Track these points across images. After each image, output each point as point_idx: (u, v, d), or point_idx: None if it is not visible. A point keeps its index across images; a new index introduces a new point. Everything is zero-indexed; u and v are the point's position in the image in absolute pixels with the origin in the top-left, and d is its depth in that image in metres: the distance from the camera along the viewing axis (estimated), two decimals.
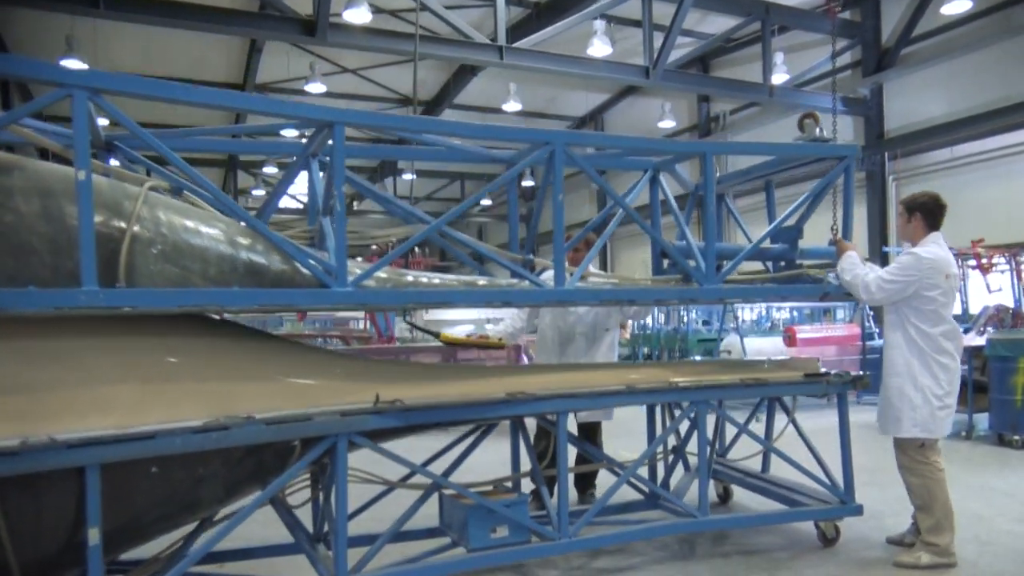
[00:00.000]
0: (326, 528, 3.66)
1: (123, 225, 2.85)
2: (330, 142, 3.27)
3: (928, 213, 4.06)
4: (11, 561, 2.57)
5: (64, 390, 2.70)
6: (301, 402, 3.18)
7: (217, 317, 3.49)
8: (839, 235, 4.32)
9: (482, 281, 3.99)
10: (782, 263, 4.59)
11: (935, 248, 3.98)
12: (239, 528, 3.06)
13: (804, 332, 10.45)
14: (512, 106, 15.97)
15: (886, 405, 4.05)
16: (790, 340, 10.08)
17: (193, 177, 3.23)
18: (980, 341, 7.51)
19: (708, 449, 4.08)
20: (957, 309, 8.55)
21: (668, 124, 17.39)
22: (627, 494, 4.49)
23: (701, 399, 4.00)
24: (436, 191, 26.59)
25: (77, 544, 2.67)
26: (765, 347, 10.51)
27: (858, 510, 4.19)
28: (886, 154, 13.83)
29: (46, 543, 2.69)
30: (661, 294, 4.35)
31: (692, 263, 4.10)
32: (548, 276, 4.26)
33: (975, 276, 10.94)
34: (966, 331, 7.50)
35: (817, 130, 4.60)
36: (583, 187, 21.79)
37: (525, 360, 9.19)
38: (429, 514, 3.81)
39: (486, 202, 24.84)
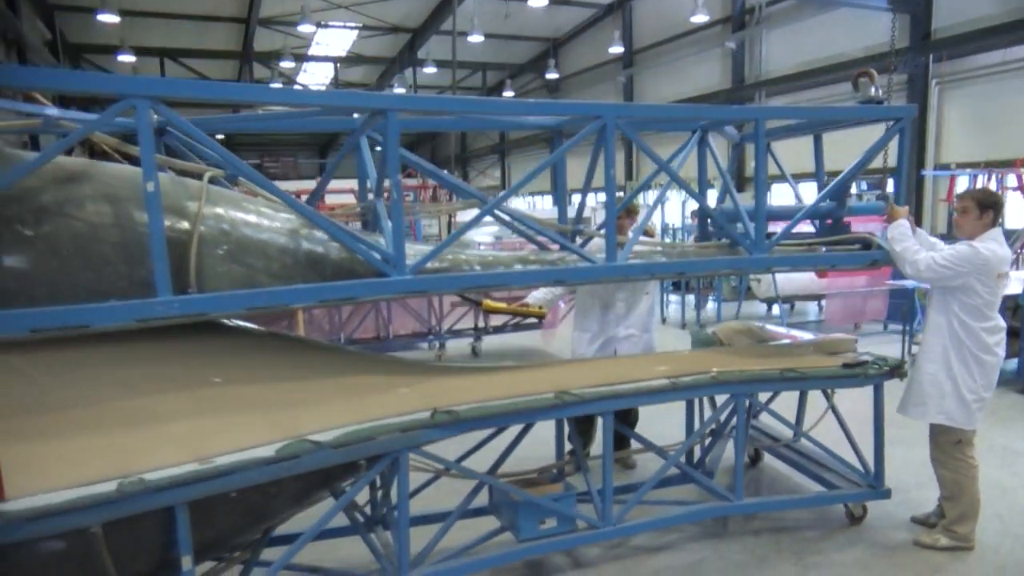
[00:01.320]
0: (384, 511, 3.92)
1: (189, 227, 2.93)
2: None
3: (999, 211, 4.02)
4: (106, 559, 2.81)
5: (142, 423, 2.86)
6: (359, 414, 3.35)
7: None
8: (892, 201, 4.29)
9: (533, 257, 4.04)
10: (828, 220, 4.58)
11: (994, 245, 3.95)
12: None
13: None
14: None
15: (915, 388, 4.14)
16: (821, 272, 10.07)
17: (250, 175, 3.22)
18: (1018, 288, 7.48)
19: (744, 437, 4.24)
20: None
21: (700, 19, 16.76)
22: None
23: (742, 392, 4.13)
24: (460, 80, 26.13)
25: (168, 560, 2.93)
26: (795, 277, 10.56)
27: (887, 494, 4.38)
28: (931, 56, 13.24)
29: (141, 563, 2.94)
30: (711, 265, 4.26)
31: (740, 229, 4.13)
32: (594, 245, 4.34)
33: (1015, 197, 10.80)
34: None
35: (872, 89, 4.49)
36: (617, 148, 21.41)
37: (561, 305, 9.35)
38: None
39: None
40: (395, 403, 3.46)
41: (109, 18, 16.31)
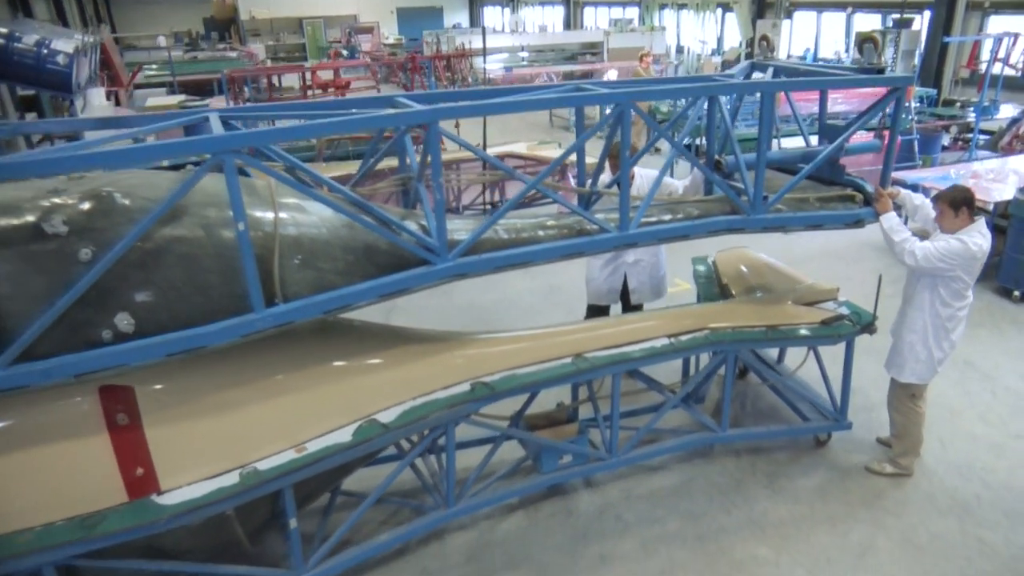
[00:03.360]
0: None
1: (270, 246, 3.37)
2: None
3: (971, 205, 4.46)
4: (238, 531, 3.72)
5: (245, 417, 3.61)
6: (412, 390, 4.08)
7: None
8: (885, 188, 4.70)
9: (552, 222, 4.55)
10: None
11: (979, 238, 4.39)
12: None
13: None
14: None
15: (895, 352, 4.82)
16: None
17: (311, 173, 3.70)
18: (1009, 194, 7.92)
19: (731, 382, 5.01)
20: None
21: None
22: (656, 397, 5.45)
23: (731, 350, 4.85)
24: None
25: (276, 513, 3.82)
26: None
27: (848, 427, 5.23)
28: None
29: (258, 521, 3.83)
30: (712, 226, 4.72)
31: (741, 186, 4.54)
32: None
33: None
34: None
35: (876, 57, 4.82)
36: None
37: (571, 180, 9.81)
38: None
39: None
40: (441, 376, 4.21)
41: None
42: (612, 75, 16.82)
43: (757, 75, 5.33)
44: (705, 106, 4.75)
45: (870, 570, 4.20)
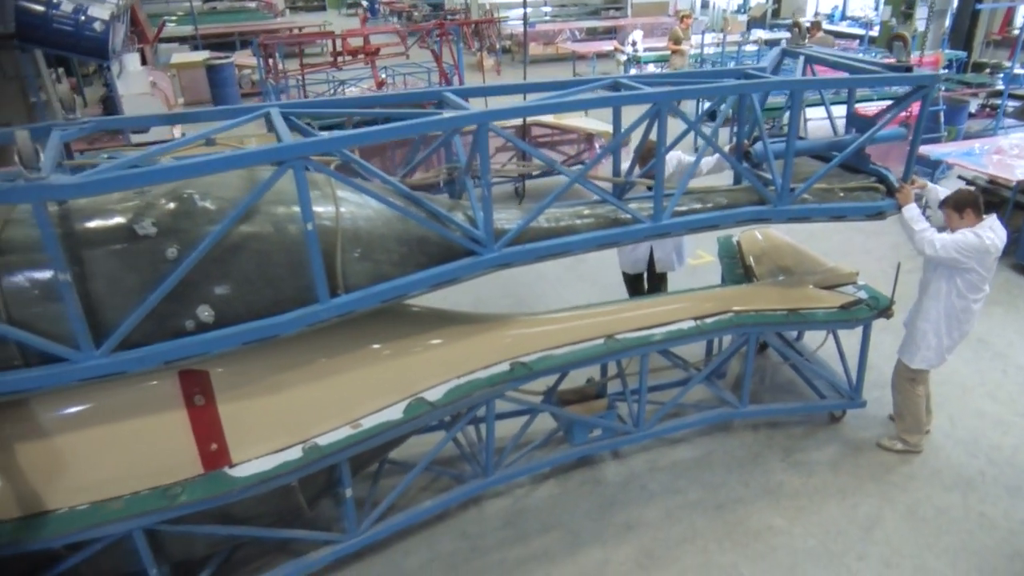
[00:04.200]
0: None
1: (333, 241, 3.63)
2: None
3: (976, 206, 4.68)
4: (301, 499, 4.09)
5: (314, 403, 3.96)
6: (455, 369, 4.40)
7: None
8: (909, 180, 4.90)
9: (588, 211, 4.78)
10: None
11: (991, 234, 4.61)
12: None
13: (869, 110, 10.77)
14: None
15: (910, 339, 5.06)
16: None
17: (366, 167, 3.91)
18: None
19: (752, 361, 5.30)
20: None
21: None
22: (679, 372, 5.73)
23: (754, 332, 5.13)
24: None
25: (333, 483, 4.19)
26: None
27: (863, 404, 5.52)
28: None
29: (317, 489, 4.19)
30: (740, 215, 4.84)
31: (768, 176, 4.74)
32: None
33: None
34: None
35: (904, 55, 4.98)
36: None
37: (597, 148, 9.99)
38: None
39: None
40: (482, 356, 4.52)
41: None
42: (638, 36, 16.71)
43: (787, 62, 5.49)
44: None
45: (877, 542, 4.52)
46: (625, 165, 5.00)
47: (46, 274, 3.12)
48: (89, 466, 3.49)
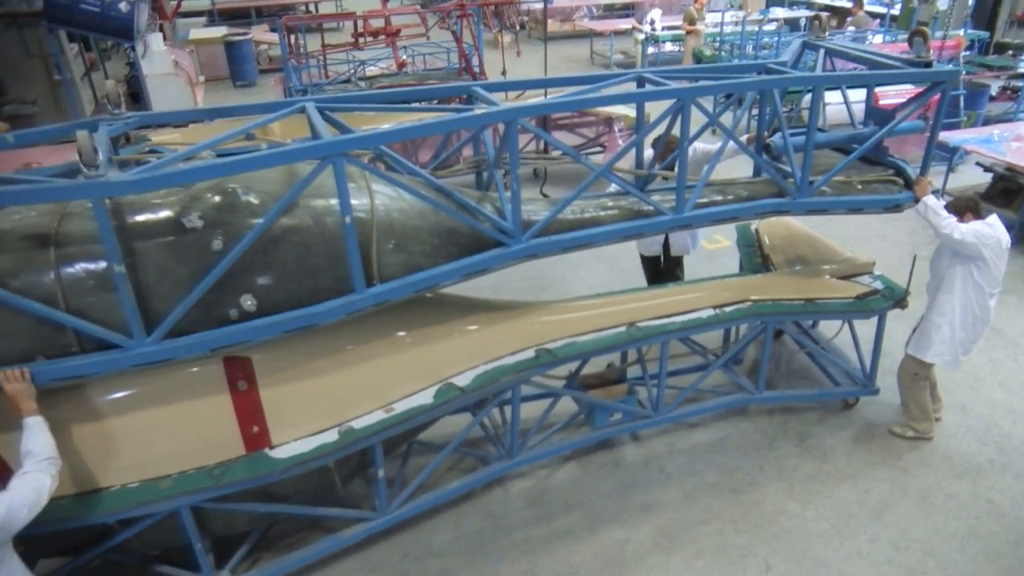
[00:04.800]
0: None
1: (369, 234, 3.78)
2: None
3: (975, 208, 4.87)
4: (336, 479, 4.29)
5: (348, 388, 4.14)
6: (483, 355, 4.57)
7: None
8: (924, 176, 5.00)
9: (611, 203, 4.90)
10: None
11: (998, 229, 4.83)
12: None
13: (888, 99, 10.76)
14: None
15: (923, 333, 5.17)
16: (875, 101, 10.49)
17: (400, 162, 4.05)
18: None
19: (769, 350, 5.44)
20: None
21: None
22: (697, 358, 5.89)
23: (771, 321, 5.27)
24: None
25: (366, 463, 4.38)
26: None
27: (876, 392, 5.66)
28: None
29: (348, 468, 4.38)
30: (760, 208, 4.92)
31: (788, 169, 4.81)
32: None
33: None
34: None
35: (924, 51, 5.04)
36: None
37: (616, 133, 10.06)
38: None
39: None
40: (509, 343, 4.67)
41: None
42: (656, 15, 16.65)
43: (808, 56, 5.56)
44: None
45: (887, 526, 4.68)
46: (648, 153, 5.12)
47: (101, 265, 3.30)
48: (140, 447, 3.69)
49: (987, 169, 9.11)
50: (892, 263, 7.73)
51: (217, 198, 3.52)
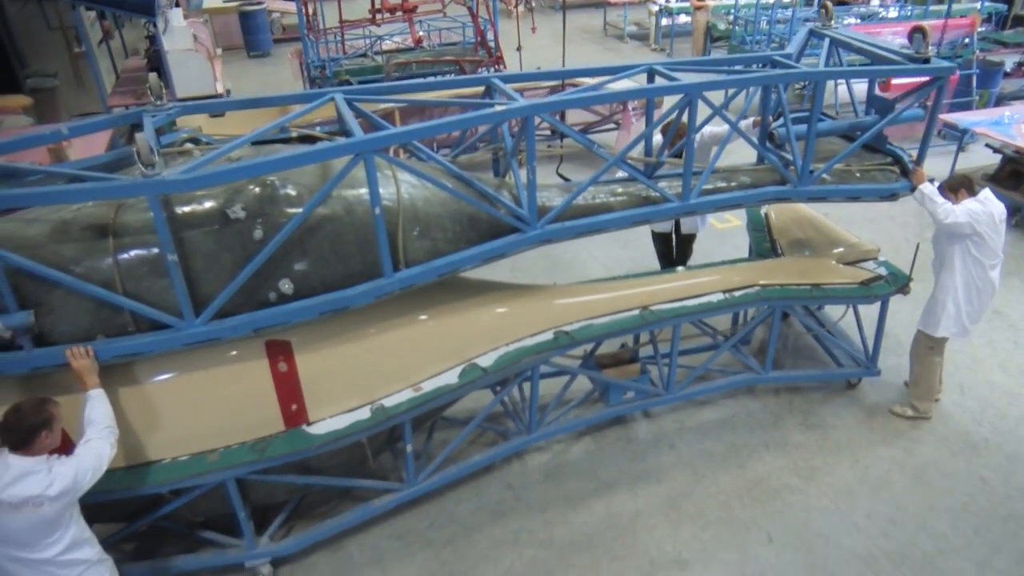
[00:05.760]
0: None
1: (396, 221, 4.03)
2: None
3: (968, 186, 5.11)
4: (368, 453, 4.57)
5: (380, 368, 4.40)
6: (504, 337, 4.81)
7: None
8: (921, 166, 5.20)
9: (621, 189, 5.14)
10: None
11: (989, 203, 5.04)
12: None
13: (900, 81, 10.83)
14: None
15: (930, 310, 5.40)
16: (885, 85, 10.58)
17: (424, 152, 4.29)
18: None
19: (777, 333, 5.67)
20: None
21: None
22: (706, 338, 6.17)
23: (779, 306, 5.50)
24: None
25: (395, 438, 4.66)
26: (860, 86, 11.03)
27: (877, 373, 5.91)
28: None
29: (378, 442, 4.66)
30: (763, 195, 5.18)
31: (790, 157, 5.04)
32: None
33: None
34: None
35: (924, 47, 5.19)
36: None
37: (630, 113, 10.19)
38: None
39: None
40: (529, 325, 4.92)
41: None
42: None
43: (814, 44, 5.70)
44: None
45: (884, 502, 4.96)
46: (657, 139, 5.30)
47: (154, 252, 3.56)
48: (189, 422, 3.97)
49: (996, 150, 9.22)
50: (899, 244, 7.95)
51: (258, 190, 3.76)
